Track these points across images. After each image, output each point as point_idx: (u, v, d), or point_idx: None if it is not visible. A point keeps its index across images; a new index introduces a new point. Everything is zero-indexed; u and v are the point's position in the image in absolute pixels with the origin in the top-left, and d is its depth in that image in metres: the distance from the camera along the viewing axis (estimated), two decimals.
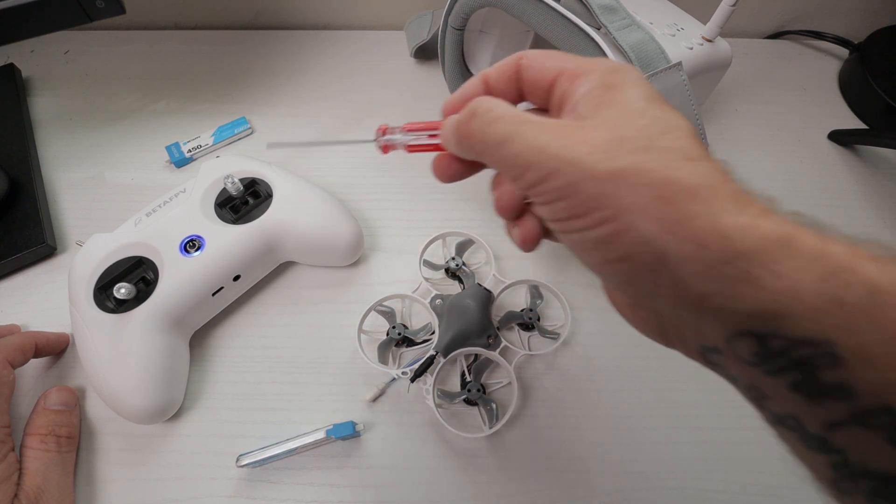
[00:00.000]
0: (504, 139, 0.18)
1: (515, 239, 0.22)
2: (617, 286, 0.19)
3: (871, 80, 0.50)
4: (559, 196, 0.17)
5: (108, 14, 0.37)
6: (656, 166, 0.16)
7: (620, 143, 0.17)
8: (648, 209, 0.16)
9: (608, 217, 0.16)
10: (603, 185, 0.16)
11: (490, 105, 0.19)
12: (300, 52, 0.54)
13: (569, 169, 0.17)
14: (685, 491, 0.32)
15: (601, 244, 0.17)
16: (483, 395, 0.33)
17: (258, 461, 0.31)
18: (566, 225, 0.18)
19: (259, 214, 0.36)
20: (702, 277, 0.15)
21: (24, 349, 0.32)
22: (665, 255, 0.16)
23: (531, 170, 0.17)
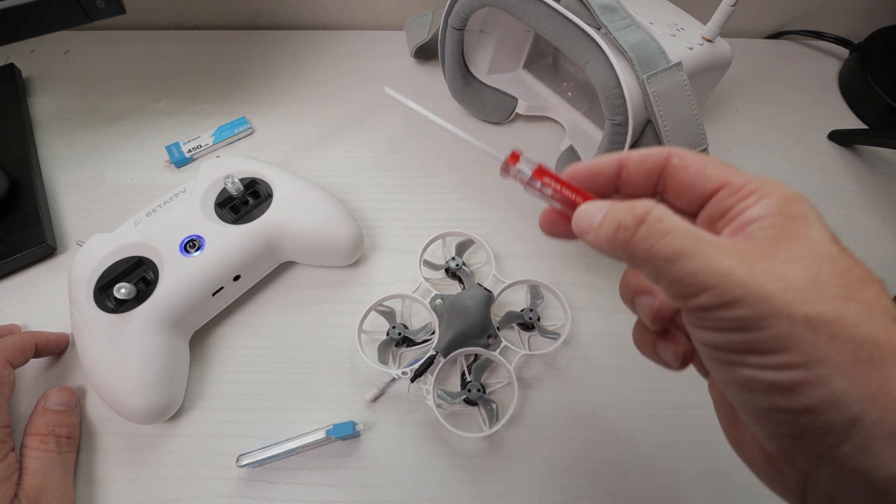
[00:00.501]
0: (679, 254, 0.16)
1: (669, 358, 0.21)
2: (774, 437, 0.17)
3: (871, 80, 0.50)
4: (738, 327, 0.16)
5: (108, 14, 0.37)
6: (861, 321, 0.15)
7: (818, 285, 0.15)
8: (850, 367, 0.14)
9: (798, 363, 0.15)
10: (798, 328, 0.15)
11: (663, 214, 0.17)
12: (300, 52, 0.54)
13: (757, 301, 0.15)
14: (685, 491, 0.32)
15: (778, 389, 0.15)
16: (483, 395, 0.33)
17: (258, 461, 0.31)
18: (737, 357, 0.16)
19: (259, 214, 0.36)
20: None
21: (24, 349, 0.32)
22: (859, 421, 0.14)
23: (709, 293, 0.16)
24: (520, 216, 0.43)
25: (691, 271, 0.16)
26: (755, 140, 0.50)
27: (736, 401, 0.17)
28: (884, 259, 0.43)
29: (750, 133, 0.50)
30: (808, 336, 0.15)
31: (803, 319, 0.15)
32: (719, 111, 0.51)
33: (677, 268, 0.16)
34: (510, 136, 0.49)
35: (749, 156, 0.48)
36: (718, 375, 0.17)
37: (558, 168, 0.44)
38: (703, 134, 0.35)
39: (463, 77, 0.46)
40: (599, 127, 0.46)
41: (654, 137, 0.35)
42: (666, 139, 0.34)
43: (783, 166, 0.48)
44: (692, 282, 0.16)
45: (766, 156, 0.49)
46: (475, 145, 0.25)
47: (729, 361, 0.16)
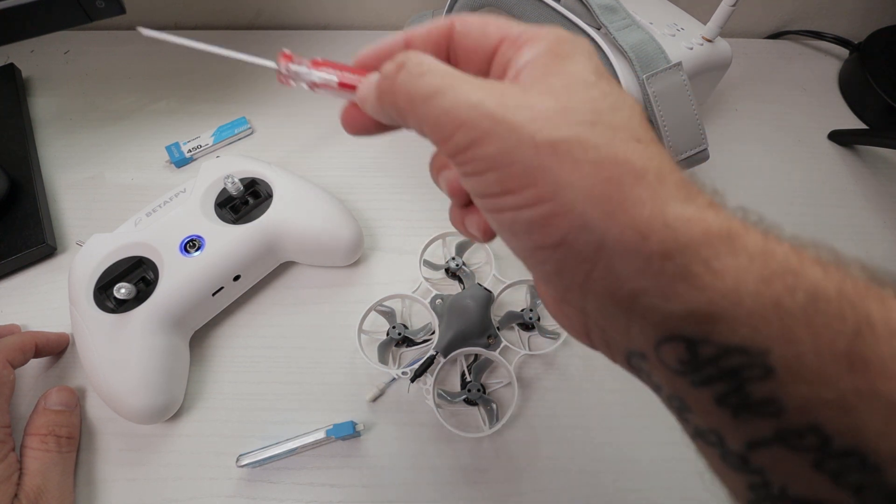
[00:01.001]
0: (433, 92, 0.16)
1: (473, 230, 0.20)
2: (546, 277, 0.17)
3: (871, 80, 0.50)
4: (491, 165, 0.15)
5: (108, 14, 0.37)
6: (602, 142, 0.14)
7: (566, 112, 0.15)
8: (591, 189, 0.14)
9: (545, 195, 0.15)
10: (542, 156, 0.14)
11: (421, 58, 0.17)
12: (300, 52, 0.54)
13: (505, 132, 0.15)
14: (686, 491, 0.32)
15: (534, 226, 0.15)
16: (483, 395, 0.33)
17: (258, 461, 0.31)
18: (496, 202, 0.16)
19: (259, 214, 0.36)
20: (638, 273, 0.14)
21: (24, 349, 0.32)
22: (603, 243, 0.14)
23: (461, 130, 0.15)
24: None
25: (445, 108, 0.15)
26: (755, 140, 0.50)
27: (514, 251, 0.17)
28: (884, 259, 0.43)
29: (750, 133, 0.50)
30: (552, 163, 0.14)
31: (547, 145, 0.14)
32: (719, 111, 0.51)
33: (432, 106, 0.16)
34: None
35: (749, 156, 0.48)
36: (492, 226, 0.17)
37: None
38: (703, 134, 0.35)
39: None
40: None
41: None
42: (666, 139, 0.34)
43: (783, 166, 0.48)
44: (447, 120, 0.15)
45: (766, 156, 0.49)
46: (241, 59, 0.23)
47: (493, 208, 0.16)
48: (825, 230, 0.44)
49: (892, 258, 0.43)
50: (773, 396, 0.13)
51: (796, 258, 0.13)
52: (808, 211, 0.45)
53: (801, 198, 0.46)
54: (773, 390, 0.13)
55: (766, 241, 0.14)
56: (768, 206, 0.45)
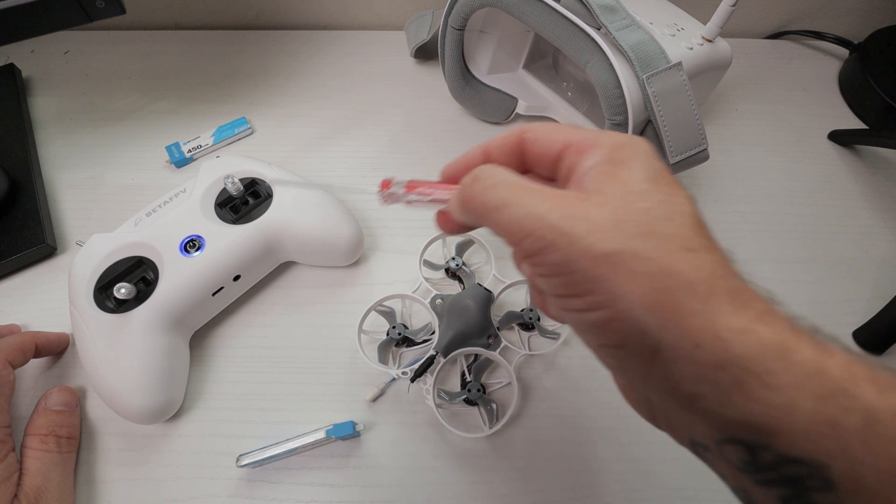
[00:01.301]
0: (503, 204, 0.18)
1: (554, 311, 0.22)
2: (612, 369, 0.18)
3: (871, 80, 0.50)
4: (557, 271, 0.17)
5: (108, 14, 0.37)
6: (655, 255, 0.16)
7: (620, 224, 0.16)
8: (645, 300, 0.15)
9: (604, 302, 0.16)
10: (600, 267, 0.16)
11: (493, 171, 0.19)
12: (300, 52, 0.54)
13: (566, 244, 0.16)
14: (685, 491, 0.32)
15: (596, 328, 0.17)
16: (483, 395, 0.33)
17: (258, 461, 0.31)
18: (564, 302, 0.17)
19: (259, 214, 0.36)
20: (694, 379, 0.15)
21: (24, 349, 0.32)
22: (658, 349, 0.15)
23: (529, 238, 0.17)
24: None
25: (514, 218, 0.17)
26: (755, 140, 0.50)
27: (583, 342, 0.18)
28: (884, 259, 0.43)
29: (750, 133, 0.50)
30: (609, 274, 0.16)
31: (603, 257, 0.16)
32: (719, 111, 0.51)
33: (503, 216, 0.18)
34: None
35: (749, 156, 0.48)
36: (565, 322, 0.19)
37: None
38: (703, 134, 0.35)
39: (463, 77, 0.46)
40: (599, 127, 0.46)
41: (655, 137, 0.35)
42: (666, 139, 0.34)
43: (783, 166, 0.48)
44: (516, 228, 0.17)
45: (766, 156, 0.49)
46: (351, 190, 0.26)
47: (562, 306, 0.18)
48: (825, 230, 0.44)
49: (893, 258, 0.43)
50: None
51: (850, 377, 0.14)
52: (808, 211, 0.45)
53: (801, 198, 0.46)
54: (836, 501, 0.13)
55: (819, 356, 0.14)
56: (768, 206, 0.45)
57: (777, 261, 0.42)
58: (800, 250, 0.43)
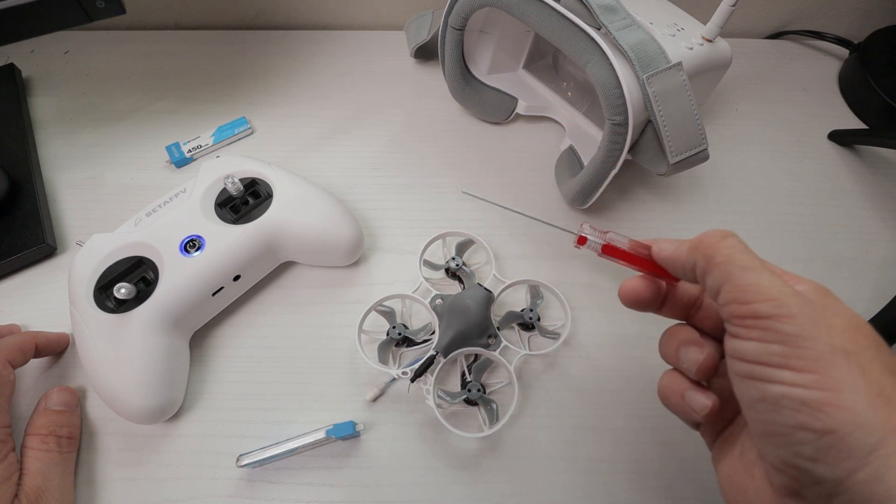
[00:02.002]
0: (753, 267, 0.19)
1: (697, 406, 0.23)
2: (791, 459, 0.18)
3: (871, 80, 0.50)
4: (783, 340, 0.17)
5: (108, 14, 0.37)
6: (883, 372, 0.17)
7: (855, 337, 0.18)
8: (874, 400, 0.16)
9: (828, 385, 0.16)
10: (836, 355, 0.17)
11: (743, 243, 0.21)
12: (300, 52, 0.54)
13: (808, 323, 0.17)
14: (685, 491, 0.32)
15: (806, 406, 0.17)
16: (483, 395, 0.33)
17: (258, 461, 0.31)
18: (770, 372, 0.18)
19: (259, 214, 0.36)
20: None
21: (24, 349, 0.32)
22: (877, 448, 0.16)
23: (769, 303, 0.18)
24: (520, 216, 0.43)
25: (759, 282, 0.19)
26: (755, 140, 0.50)
27: (760, 422, 0.19)
28: (884, 259, 0.43)
29: (750, 133, 0.50)
30: (842, 364, 0.17)
31: (842, 350, 0.17)
32: (719, 111, 0.51)
33: (748, 275, 0.19)
34: (510, 136, 0.49)
35: (749, 156, 0.48)
36: (747, 394, 0.19)
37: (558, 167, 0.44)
38: (703, 134, 0.35)
39: (463, 77, 0.46)
40: (599, 127, 0.46)
41: (655, 137, 0.35)
42: (666, 139, 0.34)
43: (783, 166, 0.48)
44: (757, 290, 0.18)
45: (766, 156, 0.49)
46: (552, 225, 0.29)
47: (762, 376, 0.18)
48: (825, 230, 0.44)
49: (893, 258, 0.43)
50: None
51: None
52: (808, 211, 0.45)
53: (801, 198, 0.46)
54: None
55: None
56: (768, 205, 0.45)
57: (777, 261, 0.41)
58: (800, 250, 0.43)
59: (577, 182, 0.39)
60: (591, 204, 0.40)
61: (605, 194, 0.39)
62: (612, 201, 0.44)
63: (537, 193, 0.44)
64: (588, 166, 0.38)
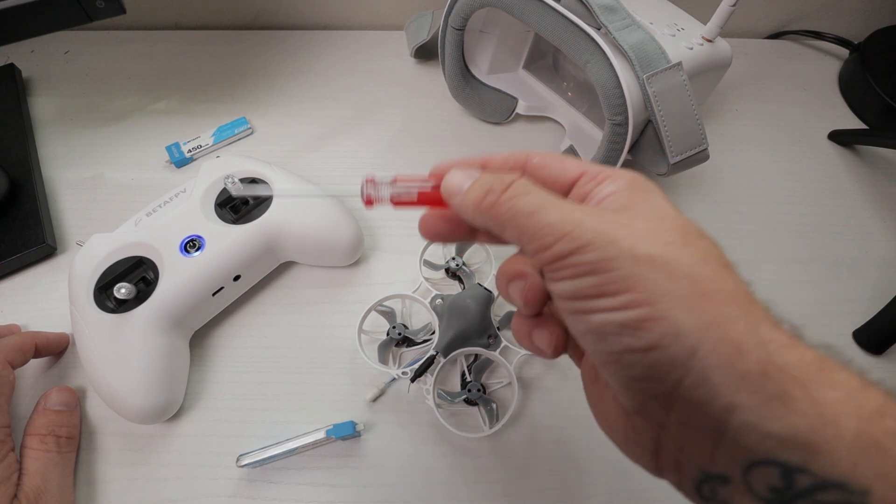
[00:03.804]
0: (537, 209, 0.18)
1: (543, 345, 0.22)
2: (629, 382, 0.17)
3: (871, 80, 0.50)
4: (589, 270, 0.17)
5: (108, 14, 0.37)
6: (694, 262, 0.16)
7: (658, 233, 0.17)
8: (687, 300, 0.15)
9: (641, 300, 0.16)
10: (641, 266, 0.16)
11: (526, 182, 0.19)
12: (300, 52, 0.54)
13: (605, 243, 0.16)
14: None
15: (626, 328, 0.16)
16: (483, 395, 0.33)
17: (258, 461, 0.31)
18: (589, 304, 0.17)
19: (259, 214, 0.36)
20: (734, 386, 0.14)
21: (24, 349, 0.32)
22: (696, 351, 0.15)
23: (563, 240, 0.17)
24: None
25: (548, 222, 0.17)
26: (755, 140, 0.50)
27: (594, 352, 0.18)
28: (884, 259, 0.43)
29: (750, 133, 0.50)
30: (649, 274, 0.16)
31: (645, 258, 0.16)
32: (719, 111, 0.51)
33: (535, 220, 0.18)
34: (510, 135, 0.49)
35: (749, 155, 0.48)
36: (576, 328, 0.18)
37: None
38: (703, 133, 0.35)
39: (463, 77, 0.46)
40: (599, 127, 0.46)
41: (655, 137, 0.35)
42: (666, 139, 0.34)
43: (783, 166, 0.48)
44: (549, 231, 0.17)
45: (766, 156, 0.49)
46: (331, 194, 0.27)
47: (583, 309, 0.17)
48: (825, 230, 0.44)
49: (893, 258, 0.43)
50: None
51: (892, 402, 0.14)
52: (808, 211, 0.45)
53: (801, 198, 0.46)
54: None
55: (861, 380, 0.14)
56: (768, 205, 0.45)
57: (777, 261, 0.42)
58: (800, 250, 0.43)
59: None
60: None
61: None
62: None
63: None
64: None
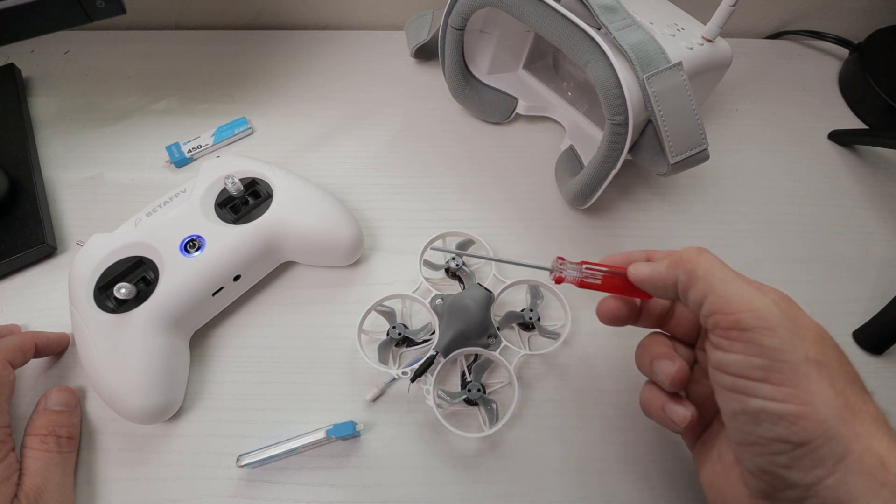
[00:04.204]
0: (732, 279, 0.20)
1: (677, 418, 0.24)
2: (767, 468, 0.19)
3: (871, 80, 0.50)
4: (762, 353, 0.18)
5: (108, 14, 0.37)
6: (842, 375, 0.18)
7: (824, 342, 0.19)
8: (840, 411, 0.17)
9: (803, 399, 0.17)
10: (810, 368, 0.18)
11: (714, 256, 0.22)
12: (300, 52, 0.54)
13: (787, 335, 0.18)
14: (686, 491, 0.32)
15: (783, 420, 0.18)
16: (483, 395, 0.33)
17: (258, 461, 0.31)
18: (750, 385, 0.19)
19: (259, 214, 0.36)
20: (871, 494, 0.17)
21: (24, 349, 0.32)
22: (845, 457, 0.17)
23: (751, 314, 0.19)
24: (519, 216, 0.43)
25: (740, 292, 0.19)
26: (755, 140, 0.50)
27: (741, 432, 0.20)
28: (884, 259, 0.43)
29: (750, 133, 0.50)
30: (815, 377, 0.18)
31: (815, 363, 0.18)
32: (719, 111, 0.51)
33: (729, 286, 0.20)
34: (510, 136, 0.49)
35: (749, 156, 0.48)
36: (729, 405, 0.20)
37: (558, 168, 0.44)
38: (703, 134, 0.35)
39: (463, 77, 0.46)
40: (599, 127, 0.46)
41: (655, 137, 0.35)
42: (666, 139, 0.34)
43: (783, 166, 0.48)
44: (739, 300, 0.19)
45: (766, 156, 0.49)
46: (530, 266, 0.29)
47: (745, 389, 0.19)
48: (825, 230, 0.44)
49: (893, 258, 0.43)
50: None
51: None
52: (808, 211, 0.45)
53: (801, 198, 0.46)
54: None
55: None
56: (768, 206, 0.45)
57: (777, 261, 0.42)
58: (800, 250, 0.43)
59: (577, 182, 0.39)
60: (591, 204, 0.40)
61: (605, 194, 0.39)
62: (613, 201, 0.44)
63: (537, 193, 0.44)
64: (588, 166, 0.38)
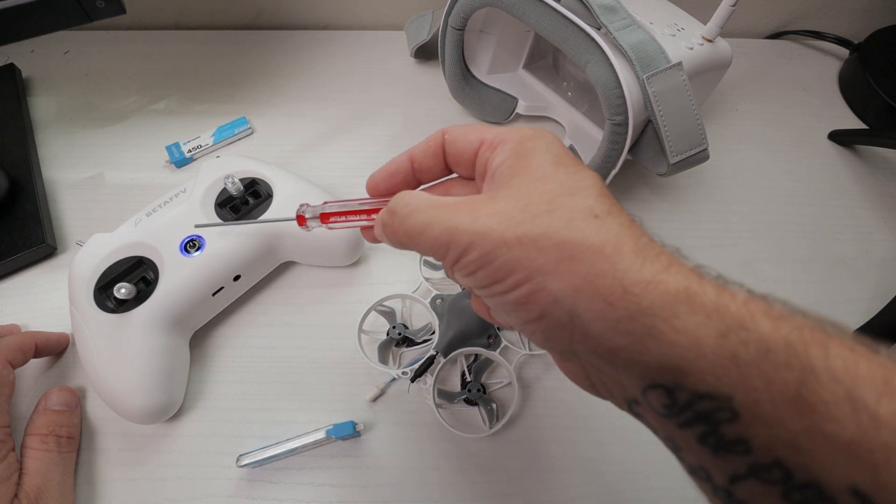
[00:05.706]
0: (423, 228, 0.19)
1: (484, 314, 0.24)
2: (539, 343, 0.20)
3: (871, 80, 0.50)
4: (478, 266, 0.18)
5: (108, 14, 0.37)
6: (561, 227, 0.17)
7: (526, 209, 0.18)
8: (557, 269, 0.17)
9: (522, 279, 0.17)
10: (513, 250, 0.17)
11: (406, 200, 0.20)
12: (300, 52, 0.54)
13: (481, 240, 0.18)
14: (686, 491, 0.32)
15: (518, 305, 0.18)
16: (483, 395, 0.33)
17: (258, 461, 0.31)
18: (488, 291, 0.19)
19: (259, 214, 0.36)
20: (611, 333, 0.16)
21: (24, 349, 0.32)
22: (575, 312, 0.17)
23: (450, 248, 0.19)
24: None
25: (435, 236, 0.19)
26: (755, 140, 0.50)
27: (512, 326, 0.20)
28: (884, 259, 0.43)
29: (750, 133, 0.50)
30: (521, 254, 0.17)
31: (515, 241, 0.17)
32: (719, 111, 0.51)
33: (426, 238, 0.19)
34: None
35: (749, 156, 0.48)
36: (494, 310, 0.21)
37: None
38: (703, 133, 0.35)
39: (463, 77, 0.46)
40: (599, 127, 0.46)
41: (655, 137, 0.35)
42: (666, 139, 0.34)
43: (783, 166, 0.48)
44: (439, 244, 0.19)
45: (766, 156, 0.49)
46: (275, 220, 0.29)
47: (487, 296, 0.19)
48: (825, 230, 0.44)
49: (893, 258, 0.43)
50: (741, 436, 0.15)
51: (747, 312, 0.15)
52: (808, 211, 0.45)
53: (801, 198, 0.46)
54: (741, 431, 0.15)
55: (720, 297, 0.16)
56: (768, 205, 0.45)
57: (777, 261, 0.42)
58: (800, 250, 0.43)
59: None
60: None
61: None
62: None
63: None
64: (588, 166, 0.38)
